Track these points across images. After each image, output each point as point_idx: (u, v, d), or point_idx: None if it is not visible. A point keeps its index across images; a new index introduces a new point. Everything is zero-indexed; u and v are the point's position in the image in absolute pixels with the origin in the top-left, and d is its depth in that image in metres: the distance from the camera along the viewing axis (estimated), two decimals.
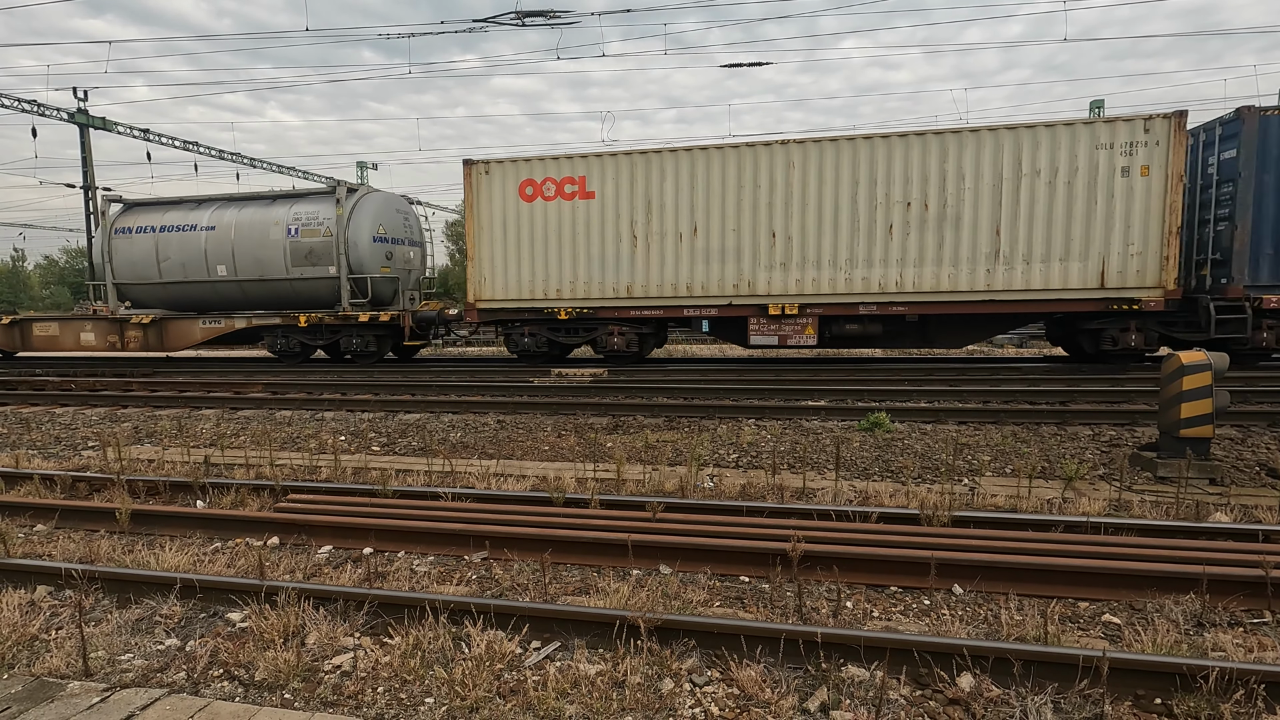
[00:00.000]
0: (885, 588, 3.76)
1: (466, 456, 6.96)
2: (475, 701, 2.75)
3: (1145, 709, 2.63)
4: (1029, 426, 7.63)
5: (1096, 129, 10.76)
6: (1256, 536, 4.09)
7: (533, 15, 15.80)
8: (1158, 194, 10.57)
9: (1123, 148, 10.65)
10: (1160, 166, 10.52)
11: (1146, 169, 10.54)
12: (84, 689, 2.85)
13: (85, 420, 9.39)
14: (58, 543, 4.76)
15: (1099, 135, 10.71)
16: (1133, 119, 10.60)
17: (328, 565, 4.30)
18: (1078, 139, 10.78)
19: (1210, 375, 5.44)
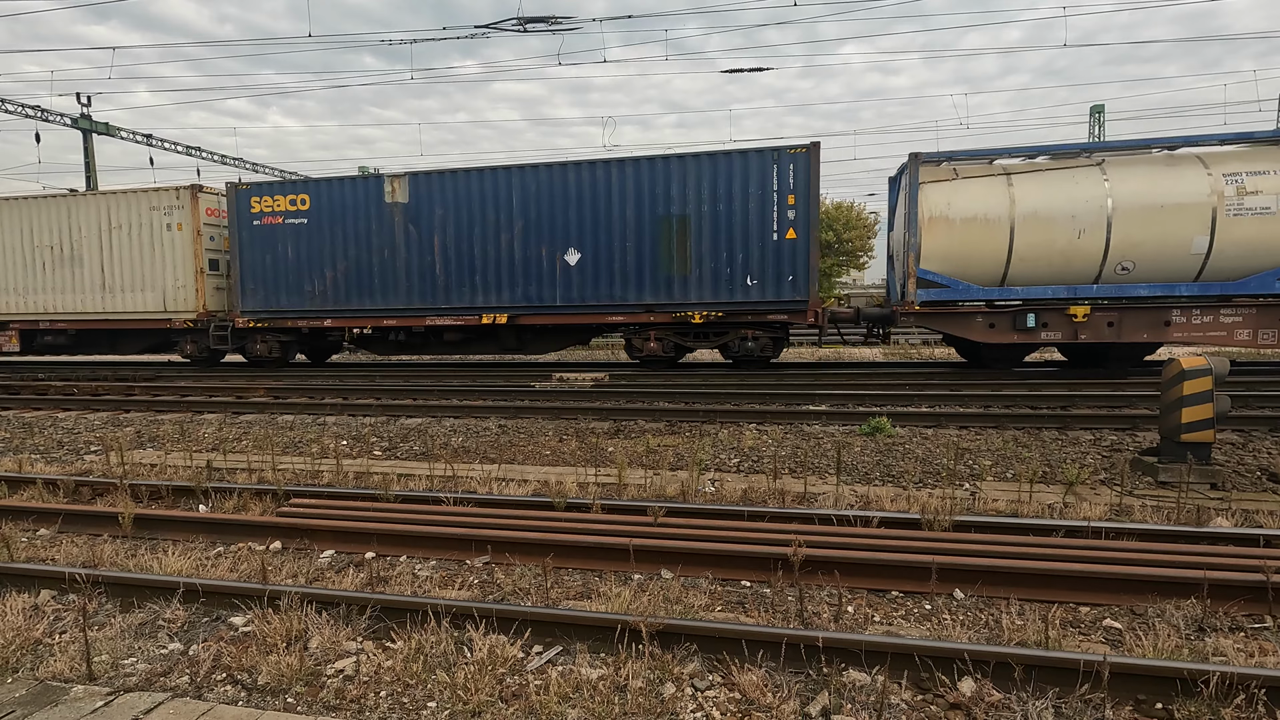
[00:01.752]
0: (886, 592, 3.77)
1: (468, 461, 6.97)
2: (477, 706, 2.76)
3: (1146, 714, 2.63)
4: (1030, 431, 7.63)
5: (151, 196, 14.56)
6: (1257, 541, 4.10)
7: (534, 21, 15.88)
8: (187, 243, 14.35)
9: (166, 209, 14.41)
10: (188, 224, 14.28)
11: (181, 225, 14.37)
12: (88, 693, 2.87)
13: (88, 425, 9.41)
14: (61, 547, 4.77)
15: (153, 200, 14.50)
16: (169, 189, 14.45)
17: (330, 570, 4.31)
18: (140, 203, 14.55)
19: (1211, 380, 5.45)
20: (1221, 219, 9.89)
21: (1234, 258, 10.05)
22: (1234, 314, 10.24)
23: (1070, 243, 10.40)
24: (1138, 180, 10.28)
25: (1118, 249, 10.27)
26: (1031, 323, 10.73)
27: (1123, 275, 10.42)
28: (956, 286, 10.96)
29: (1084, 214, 10.30)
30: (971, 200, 10.75)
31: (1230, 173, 9.99)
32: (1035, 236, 10.48)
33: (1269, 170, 9.87)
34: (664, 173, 12.09)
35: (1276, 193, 9.74)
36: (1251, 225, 9.82)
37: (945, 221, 10.82)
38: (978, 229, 10.68)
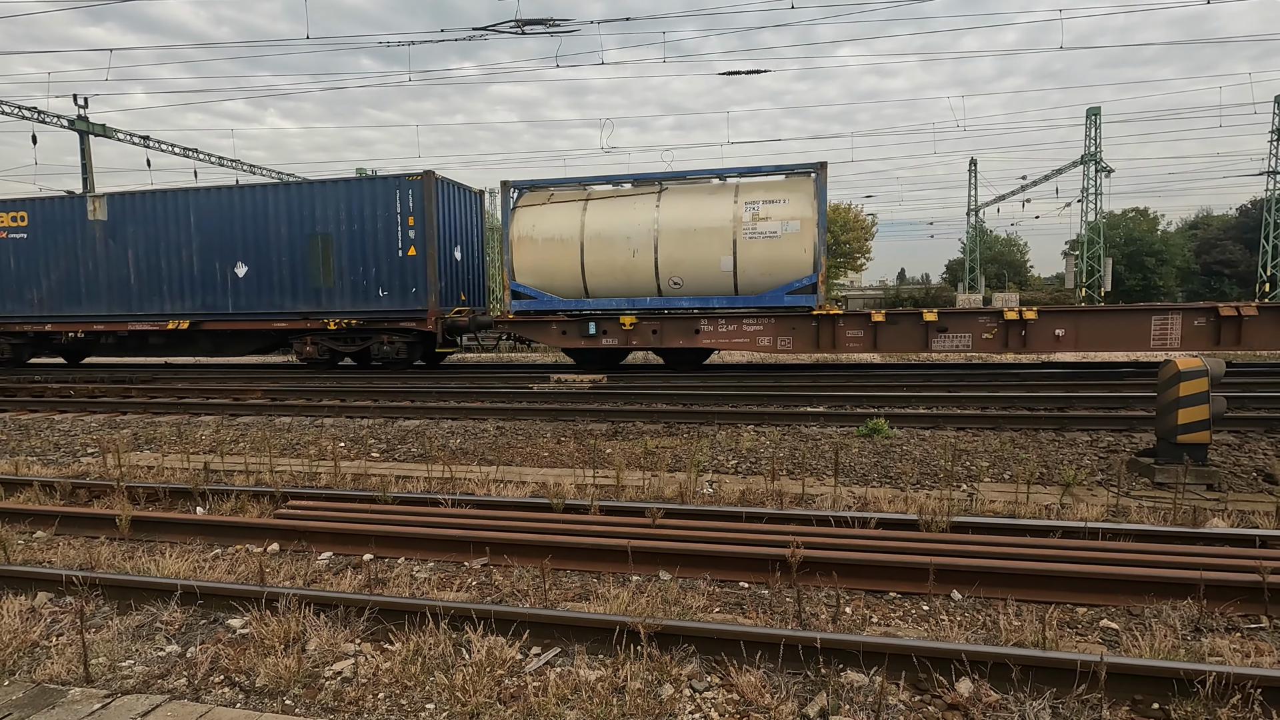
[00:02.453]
0: (884, 593, 3.77)
1: (466, 463, 6.97)
2: (476, 707, 2.76)
3: (1143, 714, 2.64)
4: (1027, 432, 7.65)
5: None
6: (1253, 542, 4.11)
7: (532, 23, 15.89)
8: None
9: None
10: None
11: None
12: (85, 695, 2.86)
13: (84, 426, 9.39)
14: (58, 549, 4.77)
15: None
16: None
17: (328, 571, 4.31)
18: None
19: (1207, 381, 5.47)
20: (740, 241, 11.57)
21: (754, 274, 11.65)
22: (755, 323, 11.80)
23: (628, 260, 12.05)
24: (681, 206, 11.97)
25: (665, 266, 11.89)
26: (593, 330, 12.39)
27: (675, 289, 12.03)
28: (542, 298, 12.67)
29: (636, 235, 12.00)
30: (552, 223, 12.45)
31: (751, 201, 11.69)
32: (600, 255, 12.15)
33: (780, 199, 11.58)
34: (310, 196, 13.80)
35: (782, 219, 11.46)
36: (762, 246, 11.44)
37: (531, 241, 12.54)
38: (556, 248, 12.35)
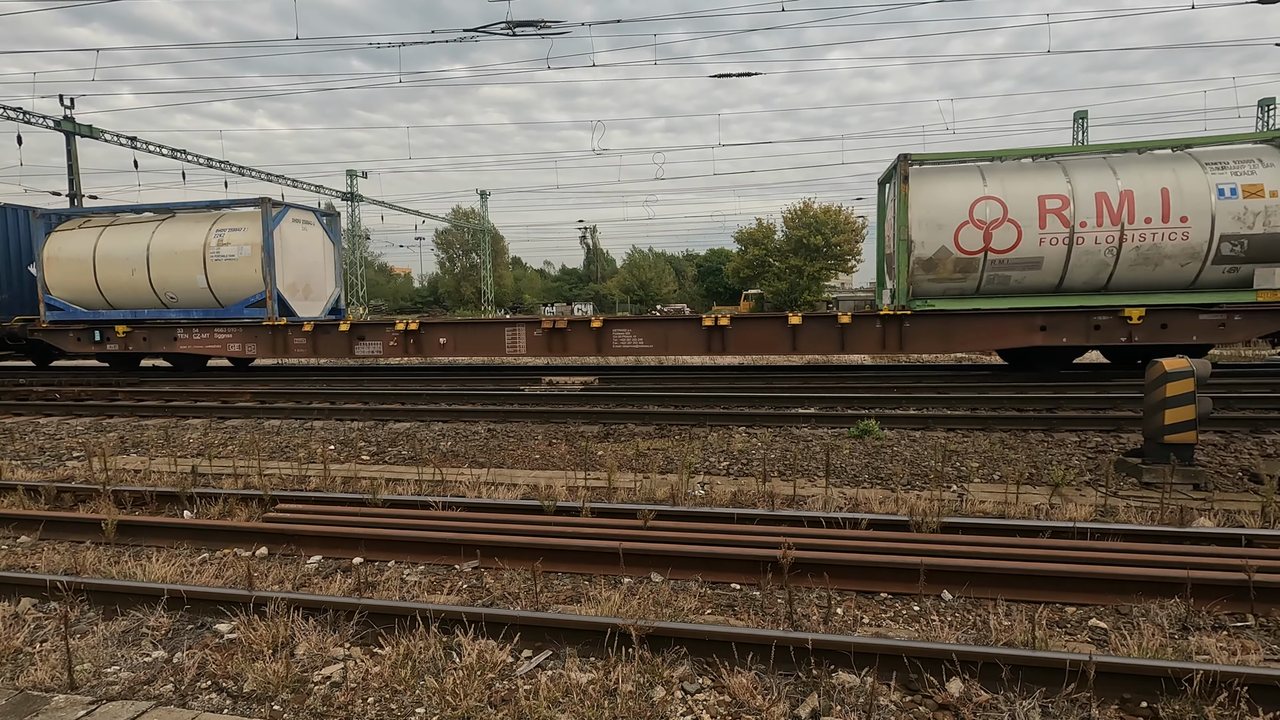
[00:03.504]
0: (875, 594, 3.78)
1: (457, 465, 6.94)
2: (466, 711, 2.75)
3: (1131, 712, 2.66)
4: (1017, 433, 7.70)
5: None
6: (1239, 540, 4.15)
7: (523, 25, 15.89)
8: None
9: None
10: None
11: None
12: (69, 702, 2.82)
13: (70, 430, 9.29)
14: (42, 554, 4.71)
15: None
16: None
17: (317, 575, 4.28)
18: None
19: (1193, 382, 5.52)
20: (210, 262, 13.53)
21: (225, 290, 13.62)
22: (226, 331, 13.69)
23: (129, 278, 13.95)
24: (169, 233, 13.87)
25: (158, 283, 13.85)
26: (98, 337, 14.31)
27: (172, 302, 14.06)
28: (68, 309, 14.52)
29: (134, 257, 13.88)
30: (74, 246, 14.31)
31: (220, 229, 13.65)
32: (109, 273, 14.07)
33: (241, 228, 13.51)
34: None
35: (239, 244, 13.42)
36: (225, 268, 13.50)
37: (56, 260, 14.39)
38: (77, 266, 14.23)
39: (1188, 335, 10.30)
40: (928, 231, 10.68)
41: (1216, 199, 9.95)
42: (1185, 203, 10.02)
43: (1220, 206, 9.92)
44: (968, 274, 10.75)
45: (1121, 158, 10.70)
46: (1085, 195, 10.28)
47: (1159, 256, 10.24)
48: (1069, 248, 10.35)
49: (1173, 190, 10.07)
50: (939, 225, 10.64)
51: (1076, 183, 10.39)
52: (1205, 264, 10.20)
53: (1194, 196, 10.02)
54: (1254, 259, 10.01)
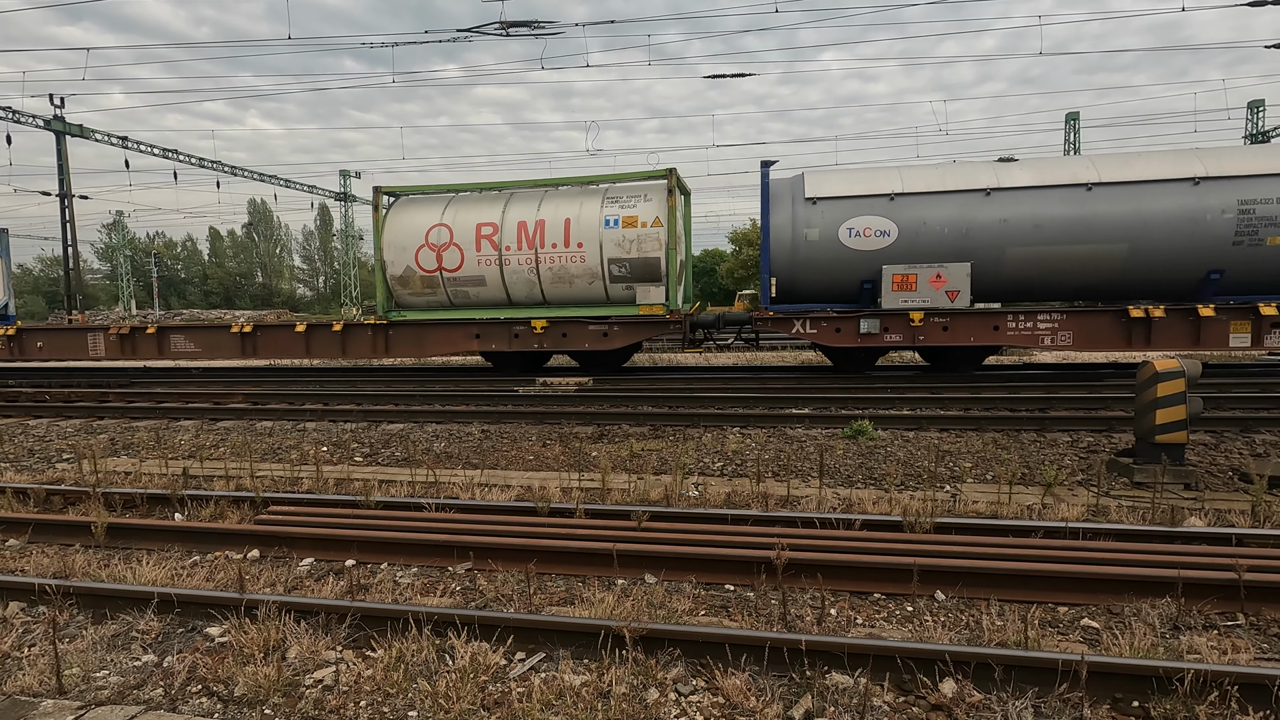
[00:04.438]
0: (869, 594, 3.79)
1: (450, 466, 6.91)
2: (459, 714, 2.74)
3: (1123, 711, 2.67)
4: (1009, 433, 7.73)
5: None
6: (1230, 540, 4.18)
7: (517, 25, 15.87)
8: None
9: None
10: None
11: None
12: (58, 707, 2.80)
13: (60, 432, 9.22)
14: (31, 558, 4.66)
15: None
16: None
17: (309, 578, 4.25)
18: None
19: (1184, 382, 5.55)
20: None
21: None
22: None
23: None
24: None
25: None
26: None
27: None
28: None
29: None
30: None
31: None
32: None
33: None
34: None
35: None
36: None
37: None
38: None
39: (581, 343, 12.11)
40: (396, 253, 12.74)
41: (604, 228, 11.91)
42: (582, 231, 11.98)
43: (606, 235, 11.89)
44: (435, 289, 12.74)
45: (553, 192, 12.61)
46: (510, 224, 12.26)
47: (569, 276, 12.19)
48: (500, 268, 12.34)
49: (574, 220, 12.04)
50: (403, 248, 12.65)
51: (507, 213, 12.35)
52: (606, 283, 12.12)
53: (588, 226, 11.96)
54: (636, 279, 12.00)
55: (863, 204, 10.96)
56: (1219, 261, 10.03)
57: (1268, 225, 9.66)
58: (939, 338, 10.92)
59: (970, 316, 10.78)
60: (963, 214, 10.67)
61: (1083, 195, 10.31)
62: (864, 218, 10.93)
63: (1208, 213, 9.87)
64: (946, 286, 10.68)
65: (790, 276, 11.42)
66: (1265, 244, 9.70)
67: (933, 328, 10.85)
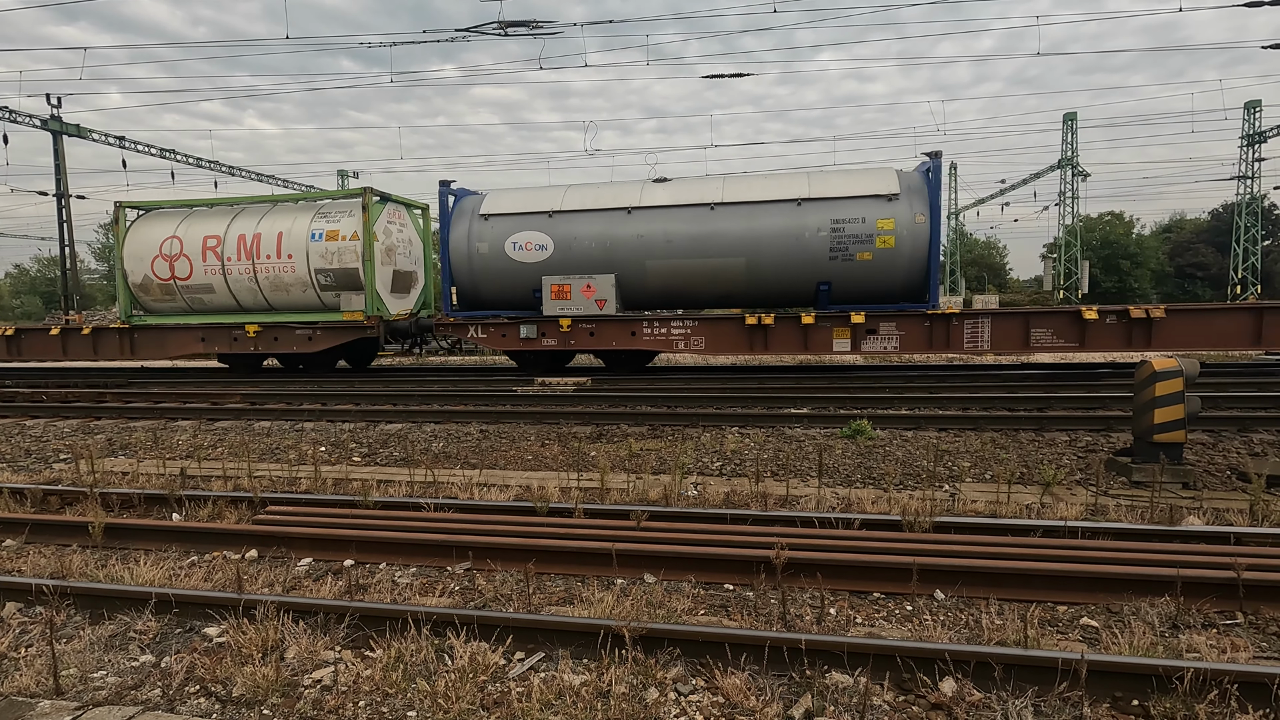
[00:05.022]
0: (868, 594, 3.79)
1: (449, 466, 6.90)
2: (458, 714, 2.73)
3: (1123, 710, 2.67)
4: (1008, 433, 7.74)
5: None
6: (1228, 539, 4.18)
7: (515, 25, 15.86)
8: None
9: None
10: None
11: None
12: (55, 708, 2.79)
13: (57, 432, 9.19)
14: (28, 558, 4.65)
15: None
16: None
17: (308, 578, 4.24)
18: None
19: (1182, 381, 5.56)
20: None
21: None
22: None
23: None
24: None
25: None
26: None
27: None
28: None
29: None
30: None
31: None
32: None
33: None
34: None
35: None
36: None
37: None
38: None
39: (290, 346, 13.20)
40: (135, 263, 13.76)
41: (310, 241, 12.97)
42: (292, 243, 13.04)
43: (313, 247, 12.96)
44: (173, 296, 13.75)
45: (275, 208, 13.63)
46: (232, 237, 13.31)
47: (285, 284, 13.20)
48: (225, 277, 13.36)
49: (285, 234, 13.07)
50: (141, 258, 13.71)
51: (230, 227, 13.39)
52: (317, 291, 13.11)
53: (298, 239, 13.03)
54: (340, 287, 13.08)
55: (526, 220, 12.19)
56: (823, 274, 11.18)
57: (856, 242, 10.90)
58: (586, 342, 12.10)
59: (613, 322, 11.90)
60: (608, 230, 11.83)
61: (706, 214, 11.51)
62: (526, 233, 12.18)
63: (807, 230, 11.05)
64: (595, 295, 11.82)
65: (470, 285, 12.78)
66: (856, 259, 10.93)
67: (581, 333, 11.99)
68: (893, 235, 10.72)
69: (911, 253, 10.82)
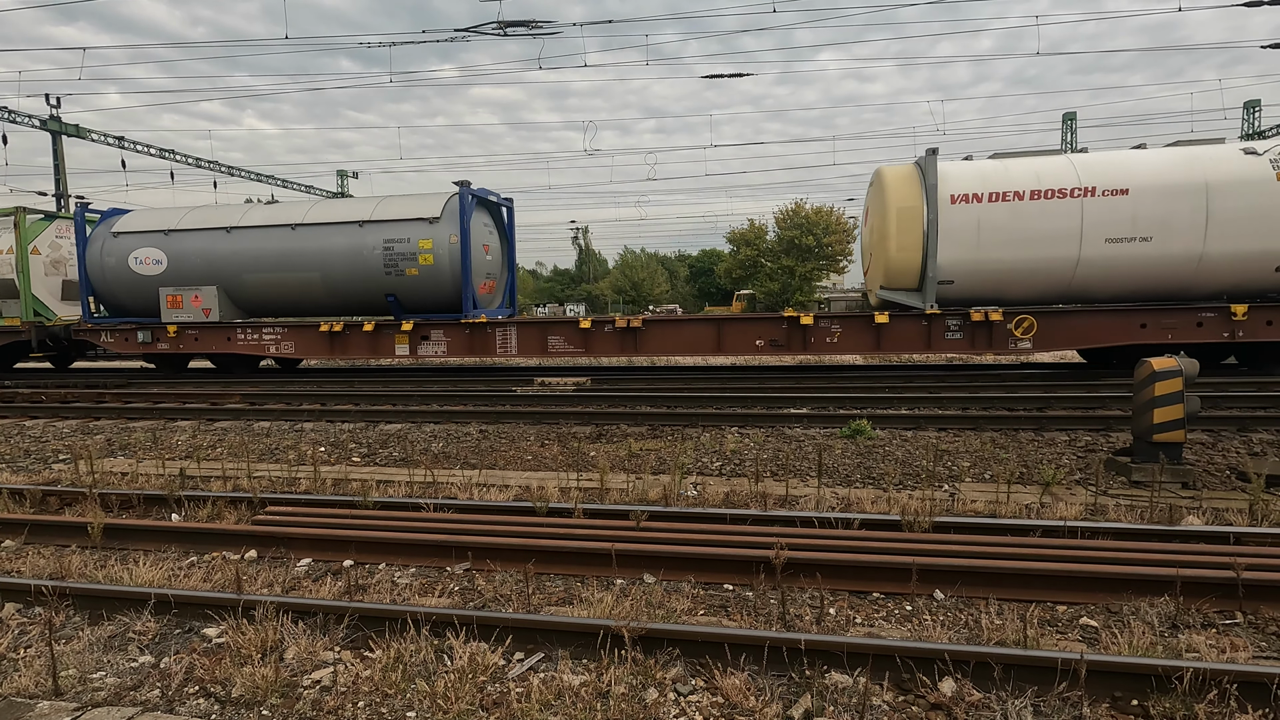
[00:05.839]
0: (868, 594, 3.79)
1: (448, 467, 6.90)
2: (458, 715, 2.73)
3: (1122, 710, 2.66)
4: (1007, 433, 7.74)
5: None
6: (1228, 539, 4.18)
7: (514, 25, 15.85)
8: None
9: None
10: None
11: None
12: (54, 709, 2.79)
13: (56, 432, 9.19)
14: (27, 558, 4.65)
15: None
16: None
17: (307, 578, 4.24)
18: None
19: (1181, 381, 5.56)
20: None
21: None
22: None
23: None
24: None
25: None
26: None
27: None
28: None
29: None
30: None
31: None
32: None
33: None
34: None
35: None
36: None
37: None
38: None
39: None
40: None
41: None
42: None
43: None
44: None
45: None
46: None
47: None
48: None
49: None
50: None
51: None
52: None
53: None
54: (4, 296, 14.48)
55: (147, 238, 13.61)
56: (386, 287, 12.64)
57: (404, 259, 12.48)
58: (193, 346, 13.61)
59: (213, 329, 13.40)
60: (211, 246, 13.33)
61: (289, 234, 12.97)
62: (146, 249, 13.63)
63: (365, 249, 12.59)
64: (202, 305, 13.34)
65: (107, 295, 14.15)
66: (406, 274, 12.50)
67: (188, 338, 13.56)
68: (432, 254, 12.39)
69: (451, 269, 12.37)
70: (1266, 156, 9.81)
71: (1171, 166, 10.07)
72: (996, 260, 10.43)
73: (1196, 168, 9.95)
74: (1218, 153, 10.13)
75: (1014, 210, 10.27)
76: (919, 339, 10.97)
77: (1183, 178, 9.90)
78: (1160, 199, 9.92)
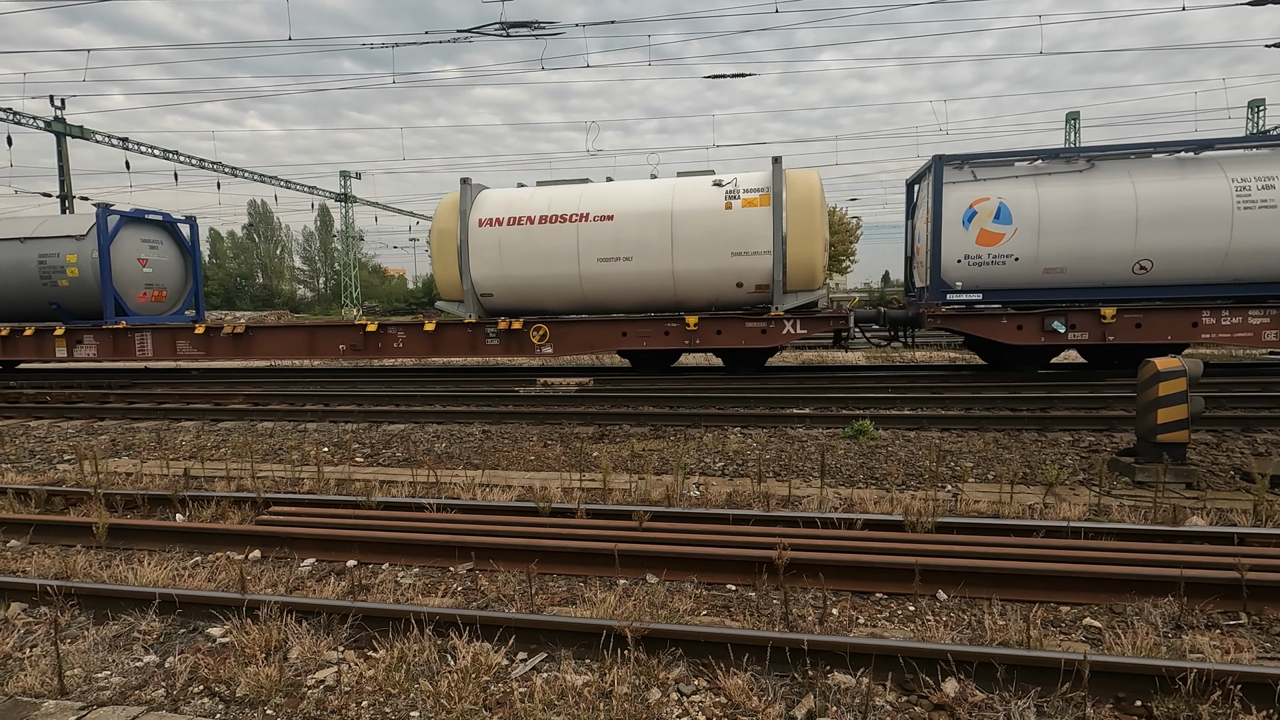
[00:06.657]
0: (870, 594, 3.78)
1: (451, 467, 6.91)
2: (461, 714, 2.73)
3: (1126, 711, 2.66)
4: (1010, 433, 7.72)
5: None
6: (1232, 539, 4.17)
7: (517, 26, 15.88)
8: None
9: None
10: None
11: None
12: (59, 708, 2.80)
13: (61, 433, 9.22)
14: (32, 558, 4.66)
15: None
16: None
17: (311, 578, 4.25)
18: None
19: (1185, 381, 5.54)
20: None
21: None
22: None
23: None
24: None
25: None
26: None
27: None
28: None
29: None
30: None
31: None
32: None
33: None
34: None
35: None
36: None
37: None
38: None
39: None
40: None
41: None
42: None
43: None
44: None
45: None
46: None
47: None
48: None
49: None
50: None
51: None
52: None
53: None
54: None
55: None
56: (49, 296, 14.09)
57: (56, 272, 13.90)
58: None
59: None
60: None
61: None
62: None
63: (27, 262, 14.00)
64: None
65: None
66: (58, 285, 13.88)
67: None
68: (77, 267, 13.84)
69: (96, 280, 13.74)
70: (725, 189, 11.27)
71: (647, 196, 11.56)
72: (518, 276, 11.91)
73: (665, 197, 11.45)
74: (691, 184, 11.55)
75: (527, 232, 11.77)
76: (466, 344, 12.43)
77: (654, 206, 11.40)
78: (637, 223, 11.39)
